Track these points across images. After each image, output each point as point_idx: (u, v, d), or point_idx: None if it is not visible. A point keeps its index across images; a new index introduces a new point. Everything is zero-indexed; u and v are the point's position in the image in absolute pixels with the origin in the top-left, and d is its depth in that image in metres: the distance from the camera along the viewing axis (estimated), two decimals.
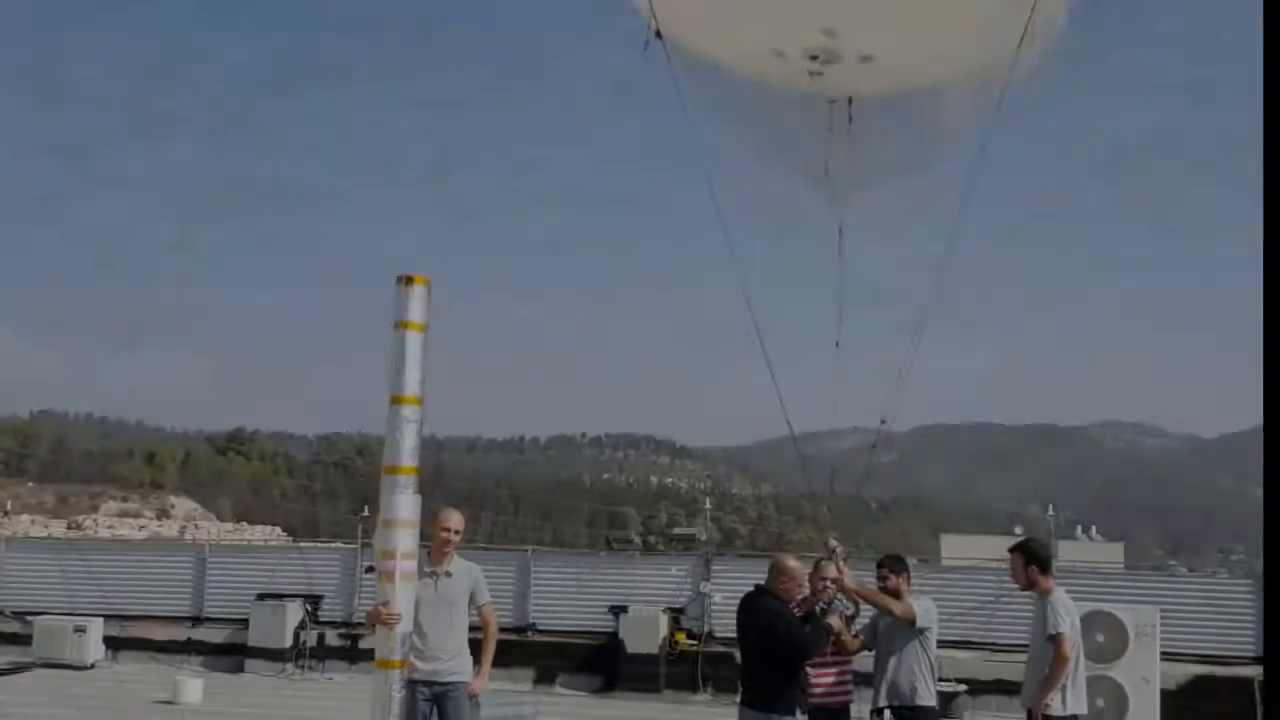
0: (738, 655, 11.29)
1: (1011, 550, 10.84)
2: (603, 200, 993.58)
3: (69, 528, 74.97)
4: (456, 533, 10.81)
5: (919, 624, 10.74)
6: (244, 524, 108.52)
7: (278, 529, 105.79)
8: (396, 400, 10.21)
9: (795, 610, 10.40)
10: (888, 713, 10.33)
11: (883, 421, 12.26)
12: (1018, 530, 68.59)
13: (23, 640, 25.54)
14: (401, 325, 10.28)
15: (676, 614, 25.15)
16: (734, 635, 11.77)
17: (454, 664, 10.53)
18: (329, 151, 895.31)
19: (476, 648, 10.85)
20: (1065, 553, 44.72)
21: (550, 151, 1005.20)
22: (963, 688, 21.86)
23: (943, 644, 14.09)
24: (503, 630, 13.92)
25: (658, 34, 10.83)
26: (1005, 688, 21.66)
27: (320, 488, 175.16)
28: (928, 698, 10.70)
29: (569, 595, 25.93)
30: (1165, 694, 20.15)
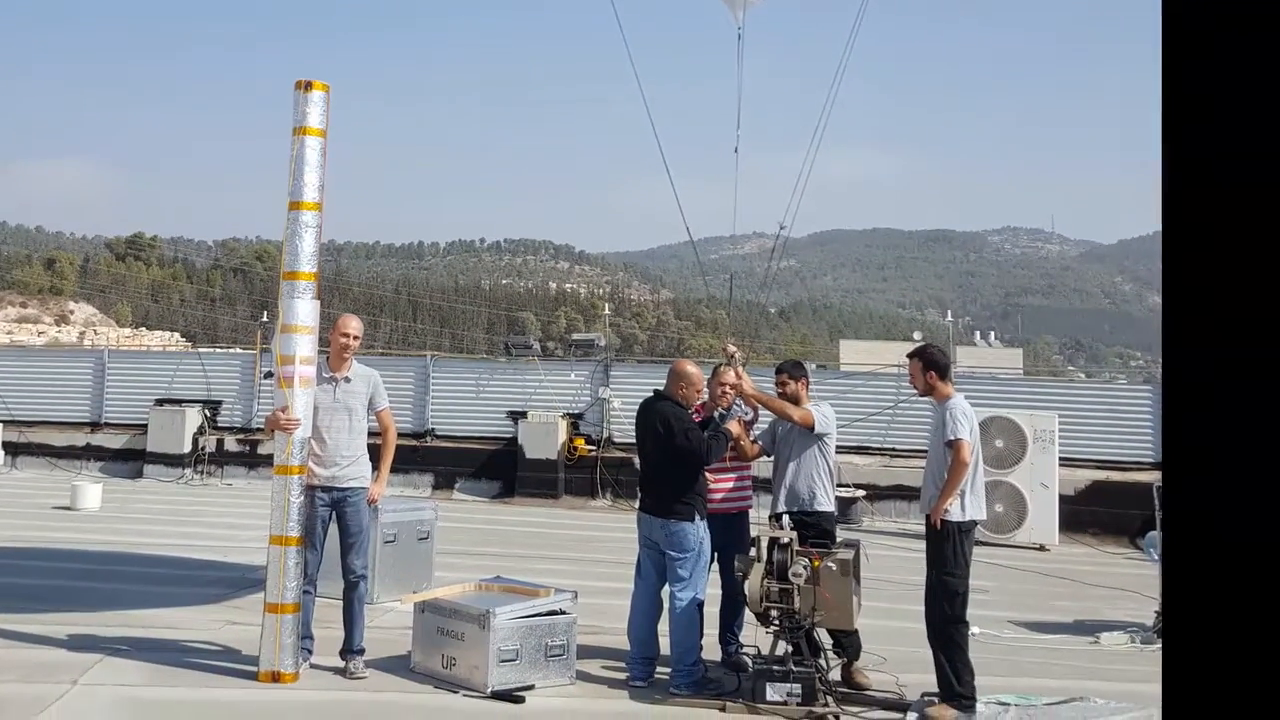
0: (636, 461, 11.31)
1: (910, 356, 10.83)
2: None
3: None
4: (355, 338, 10.71)
5: (818, 429, 10.76)
6: (143, 330, 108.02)
7: (177, 335, 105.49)
8: (295, 206, 10.06)
9: (694, 416, 10.42)
10: (786, 518, 10.36)
11: (781, 227, 12.23)
12: (916, 336, 69.39)
13: None
14: (300, 131, 10.11)
15: (575, 420, 25.29)
16: (633, 441, 11.83)
17: (353, 469, 10.49)
18: None
19: (375, 454, 10.81)
20: (964, 358, 45.29)
21: None
22: (861, 493, 22.18)
23: (841, 449, 14.24)
24: (402, 436, 13.94)
25: None
26: (904, 493, 22.03)
27: (219, 293, 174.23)
28: (826, 503, 10.75)
29: (468, 401, 25.99)
30: (1064, 499, 20.62)
